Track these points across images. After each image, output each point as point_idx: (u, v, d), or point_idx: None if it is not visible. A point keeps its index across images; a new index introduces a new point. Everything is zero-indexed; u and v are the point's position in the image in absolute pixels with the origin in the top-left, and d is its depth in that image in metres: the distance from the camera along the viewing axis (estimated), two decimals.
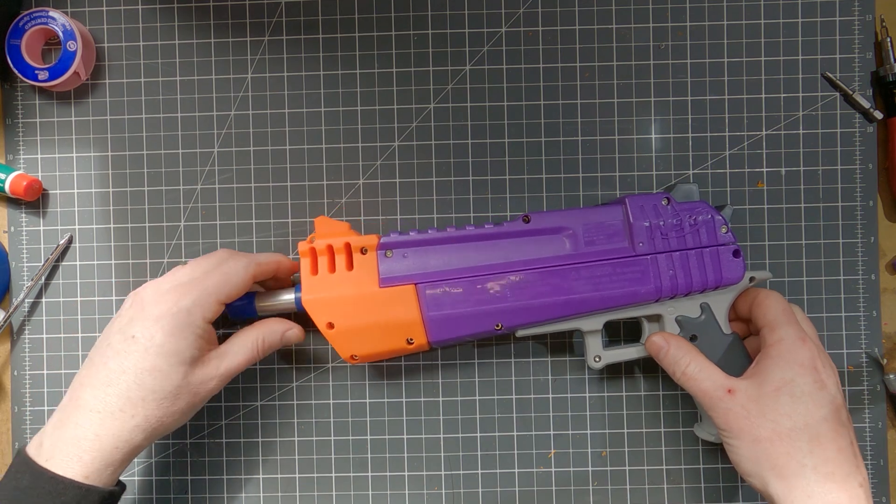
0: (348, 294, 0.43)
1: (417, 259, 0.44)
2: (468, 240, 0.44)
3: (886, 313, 0.49)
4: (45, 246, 0.50)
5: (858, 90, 0.49)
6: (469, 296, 0.43)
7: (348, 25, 0.50)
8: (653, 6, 0.49)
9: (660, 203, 0.44)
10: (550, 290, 0.43)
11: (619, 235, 0.44)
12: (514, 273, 0.43)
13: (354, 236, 0.44)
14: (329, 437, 0.50)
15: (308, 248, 0.44)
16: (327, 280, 0.43)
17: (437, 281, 0.43)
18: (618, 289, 0.43)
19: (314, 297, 0.43)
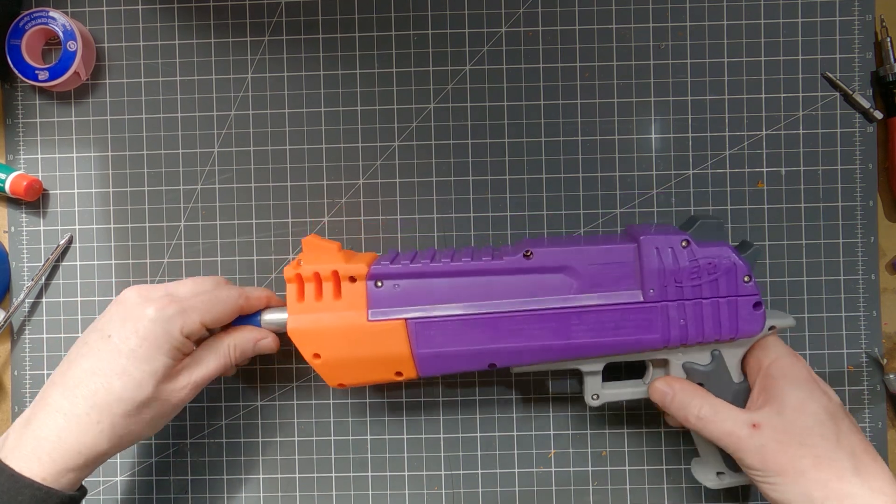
0: (335, 325, 0.41)
1: (409, 291, 0.41)
2: (464, 274, 0.41)
3: (886, 313, 0.49)
4: (45, 246, 0.50)
5: (858, 90, 0.49)
6: (462, 335, 0.40)
7: (348, 25, 0.50)
8: (653, 6, 0.49)
9: (677, 246, 0.39)
10: (549, 335, 0.40)
11: (629, 279, 0.40)
12: (511, 316, 0.40)
13: (343, 262, 0.41)
14: (329, 437, 0.50)
15: (294, 274, 0.41)
16: (314, 308, 0.41)
17: (428, 319, 0.40)
18: (622, 336, 0.40)
19: (300, 326, 0.41)
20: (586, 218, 0.49)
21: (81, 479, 0.39)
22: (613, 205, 0.49)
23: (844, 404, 0.49)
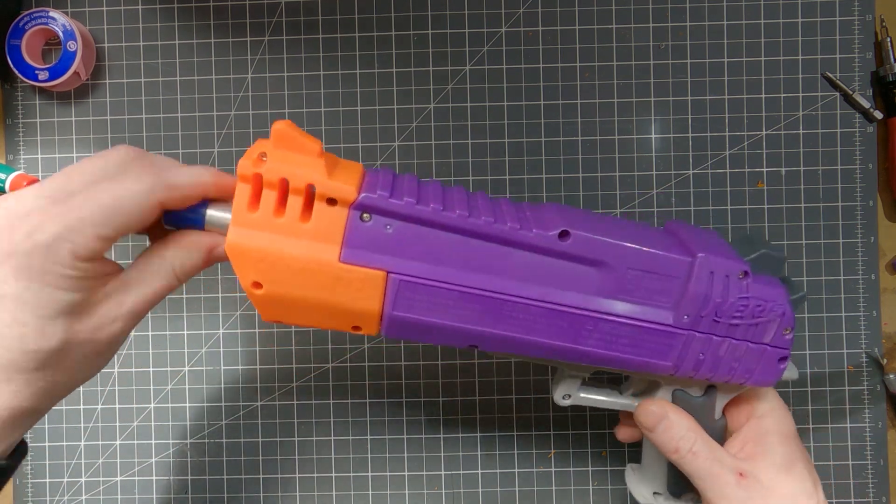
0: (293, 255, 0.30)
1: (402, 237, 0.31)
2: (479, 236, 0.32)
3: (886, 313, 0.49)
4: None
5: (858, 90, 0.49)
6: (454, 309, 0.32)
7: (348, 25, 0.50)
8: (653, 6, 0.49)
9: (734, 275, 0.33)
10: (555, 333, 0.33)
11: (667, 295, 0.34)
12: (520, 302, 0.32)
13: (322, 174, 0.30)
14: (329, 437, 0.50)
15: (252, 174, 0.30)
16: (269, 224, 0.30)
17: (419, 280, 0.31)
18: (632, 355, 0.34)
19: (243, 244, 0.30)
20: None
21: (11, 442, 0.32)
22: (613, 205, 0.49)
23: (844, 404, 0.49)
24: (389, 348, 0.50)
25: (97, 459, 0.50)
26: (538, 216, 0.33)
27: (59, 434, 0.50)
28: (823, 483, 0.48)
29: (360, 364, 0.50)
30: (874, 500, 0.49)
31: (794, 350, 0.49)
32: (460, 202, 0.32)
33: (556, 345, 0.34)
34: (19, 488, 0.50)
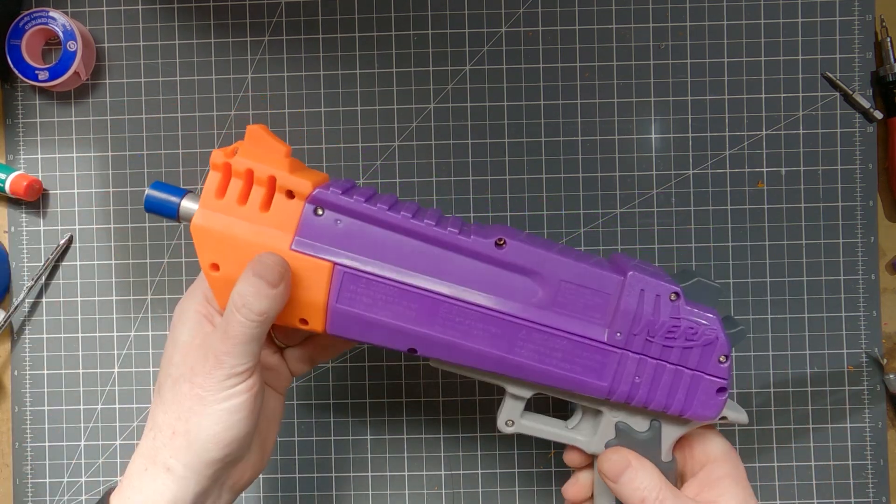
0: (249, 240, 0.33)
1: (351, 234, 0.34)
2: (421, 238, 0.34)
3: (886, 313, 0.49)
4: (45, 246, 0.50)
5: (858, 90, 0.49)
6: (392, 305, 0.34)
7: (348, 25, 0.50)
8: (653, 6, 0.49)
9: (665, 296, 0.34)
10: (488, 340, 0.34)
11: (599, 312, 0.34)
12: (454, 303, 0.34)
13: (285, 171, 0.33)
14: (329, 437, 0.50)
15: (223, 163, 0.34)
16: (232, 210, 0.34)
17: (361, 273, 0.33)
18: (566, 371, 0.35)
19: (206, 225, 0.33)
20: (586, 218, 0.49)
21: None
22: (613, 205, 0.49)
23: (844, 404, 0.49)
24: None
25: (97, 459, 0.50)
26: (482, 230, 0.35)
27: (59, 434, 0.50)
28: (823, 483, 0.49)
29: (360, 364, 0.50)
30: (874, 500, 0.49)
31: (795, 350, 0.49)
32: (408, 208, 0.34)
33: (491, 353, 0.34)
34: (19, 488, 0.50)
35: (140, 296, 0.50)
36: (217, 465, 0.33)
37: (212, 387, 0.32)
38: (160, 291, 0.50)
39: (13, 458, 0.50)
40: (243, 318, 0.32)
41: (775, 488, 0.49)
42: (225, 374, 0.32)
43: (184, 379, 0.33)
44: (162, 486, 0.33)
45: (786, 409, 0.49)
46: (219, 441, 0.32)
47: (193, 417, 0.32)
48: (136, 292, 0.50)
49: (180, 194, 0.35)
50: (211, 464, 0.33)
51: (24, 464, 0.50)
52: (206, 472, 0.33)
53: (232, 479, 0.35)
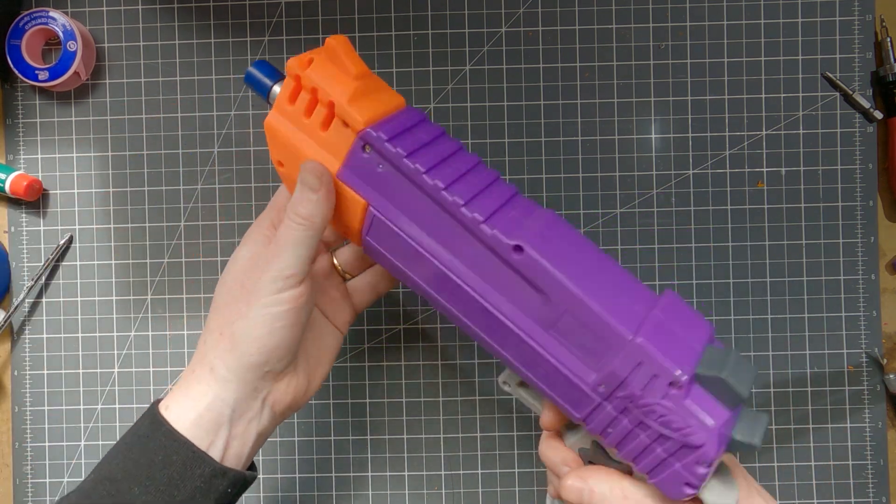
0: (306, 153, 0.35)
1: (388, 180, 0.34)
2: (448, 213, 0.34)
3: (886, 313, 0.49)
4: (45, 246, 0.50)
5: (858, 90, 0.49)
6: (409, 260, 0.35)
7: (348, 25, 0.50)
8: (653, 6, 0.49)
9: (663, 379, 0.31)
10: (484, 328, 0.34)
11: (594, 356, 0.32)
12: (458, 285, 0.34)
13: (346, 97, 0.34)
14: (329, 437, 0.50)
15: (296, 75, 0.35)
16: (298, 120, 0.35)
17: (387, 222, 0.35)
18: (547, 388, 0.34)
19: (277, 127, 0.36)
20: (586, 218, 0.49)
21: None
22: (613, 205, 0.49)
23: (844, 404, 0.49)
24: (389, 347, 0.50)
25: (97, 459, 0.50)
26: (512, 223, 0.34)
27: (59, 434, 0.50)
28: (823, 483, 0.49)
29: (361, 364, 0.50)
30: (874, 500, 0.49)
31: (795, 350, 0.49)
32: (454, 173, 0.34)
33: (484, 338, 0.35)
34: (19, 488, 0.50)
35: (140, 296, 0.50)
36: (257, 370, 0.34)
37: (259, 289, 0.34)
38: (160, 291, 0.50)
39: (13, 458, 0.50)
40: (290, 220, 0.34)
41: (775, 488, 0.49)
42: (272, 277, 0.33)
43: (237, 283, 0.35)
44: (206, 387, 0.34)
45: (786, 409, 0.49)
46: (260, 345, 0.34)
47: (239, 320, 0.34)
48: (136, 292, 0.50)
49: (275, 79, 0.37)
50: (251, 368, 0.34)
51: (24, 464, 0.50)
52: (246, 377, 0.34)
53: (273, 396, 0.36)
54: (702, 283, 0.49)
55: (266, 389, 0.35)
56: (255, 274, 0.34)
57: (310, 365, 0.38)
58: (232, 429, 0.35)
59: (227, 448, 0.34)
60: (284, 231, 0.34)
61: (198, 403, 0.34)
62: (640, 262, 0.49)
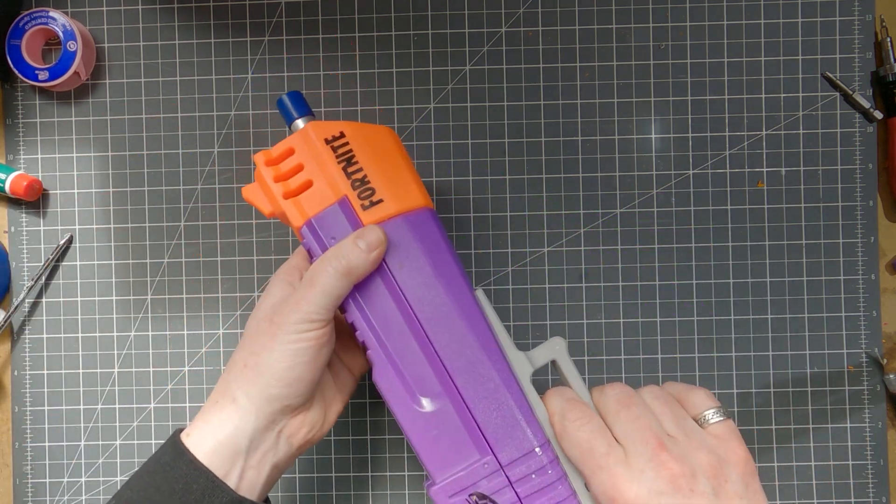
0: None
1: None
2: None
3: (886, 313, 0.49)
4: (45, 246, 0.50)
5: (858, 90, 0.49)
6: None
7: (348, 25, 0.50)
8: (653, 6, 0.49)
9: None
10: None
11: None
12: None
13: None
14: (329, 437, 0.50)
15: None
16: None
17: None
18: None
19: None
20: (586, 218, 0.49)
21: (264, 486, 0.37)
22: (613, 205, 0.49)
23: (844, 404, 0.49)
24: None
25: (97, 459, 0.50)
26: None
27: (59, 434, 0.50)
28: (823, 483, 0.49)
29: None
30: (874, 500, 0.49)
31: (795, 350, 0.49)
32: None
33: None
34: (19, 488, 0.50)
35: (140, 296, 0.50)
36: (276, 402, 0.36)
37: (286, 326, 0.35)
38: (160, 291, 0.50)
39: (13, 458, 0.50)
40: (332, 268, 0.35)
41: (775, 488, 0.49)
42: (300, 318, 0.35)
43: (266, 320, 0.36)
44: (226, 416, 0.36)
45: (786, 409, 0.49)
46: (281, 378, 0.35)
47: (264, 352, 0.35)
48: (136, 292, 0.50)
49: (301, 114, 0.40)
50: (271, 399, 0.35)
51: (24, 464, 0.50)
52: (266, 409, 0.36)
53: (289, 430, 0.37)
54: (702, 283, 0.49)
55: (283, 422, 0.37)
56: (285, 311, 0.36)
57: (325, 402, 0.39)
58: (248, 459, 0.36)
59: (242, 478, 0.35)
60: (322, 276, 0.35)
61: (217, 432, 0.35)
62: (640, 262, 0.49)
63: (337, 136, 0.37)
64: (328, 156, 0.37)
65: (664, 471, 0.31)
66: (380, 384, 0.37)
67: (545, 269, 0.49)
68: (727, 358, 0.49)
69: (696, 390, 0.35)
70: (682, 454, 0.31)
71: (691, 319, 0.49)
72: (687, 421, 0.34)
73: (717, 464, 0.32)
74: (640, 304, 0.49)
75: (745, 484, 0.32)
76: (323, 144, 0.37)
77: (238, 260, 0.50)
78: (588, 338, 0.49)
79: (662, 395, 0.35)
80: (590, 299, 0.49)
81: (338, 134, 0.37)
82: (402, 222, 0.37)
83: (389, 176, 0.37)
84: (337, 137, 0.37)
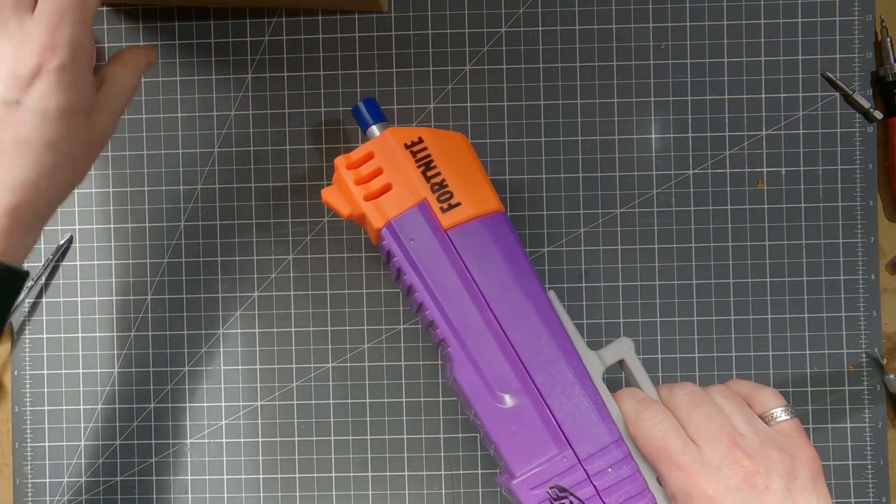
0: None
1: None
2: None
3: (886, 313, 0.49)
4: (45, 246, 0.50)
5: (858, 90, 0.49)
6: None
7: (348, 25, 0.50)
8: (653, 6, 0.49)
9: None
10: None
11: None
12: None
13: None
14: (329, 437, 0.50)
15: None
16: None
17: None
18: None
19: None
20: (586, 218, 0.49)
21: (27, 242, 0.35)
22: (613, 205, 0.49)
23: (844, 404, 0.49)
24: (389, 348, 0.50)
25: (97, 459, 0.50)
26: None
27: (59, 434, 0.50)
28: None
29: (360, 364, 0.50)
30: (874, 500, 0.49)
31: (795, 350, 0.49)
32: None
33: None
34: (19, 488, 0.50)
35: (140, 296, 0.50)
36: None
37: None
38: (160, 291, 0.50)
39: (13, 458, 0.50)
40: None
41: None
42: None
43: None
44: None
45: None
46: None
47: None
48: (136, 292, 0.50)
49: (376, 120, 0.41)
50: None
51: (24, 464, 0.50)
52: None
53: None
54: (702, 283, 0.49)
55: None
56: None
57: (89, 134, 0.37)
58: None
59: None
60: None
61: None
62: (640, 262, 0.49)
63: (416, 141, 0.39)
64: (408, 160, 0.39)
65: (739, 468, 0.32)
66: (461, 381, 0.37)
67: (545, 269, 0.49)
68: (727, 358, 0.49)
69: (763, 389, 0.36)
70: (754, 452, 0.32)
71: (691, 319, 0.49)
72: (755, 419, 0.34)
73: (789, 461, 0.33)
74: (640, 304, 0.49)
75: (814, 481, 0.33)
76: (403, 149, 0.39)
77: (238, 260, 0.50)
78: (588, 338, 0.49)
79: (731, 395, 0.35)
80: (590, 299, 0.49)
81: (416, 139, 0.39)
82: (479, 225, 0.38)
83: (465, 180, 0.39)
84: (416, 143, 0.39)
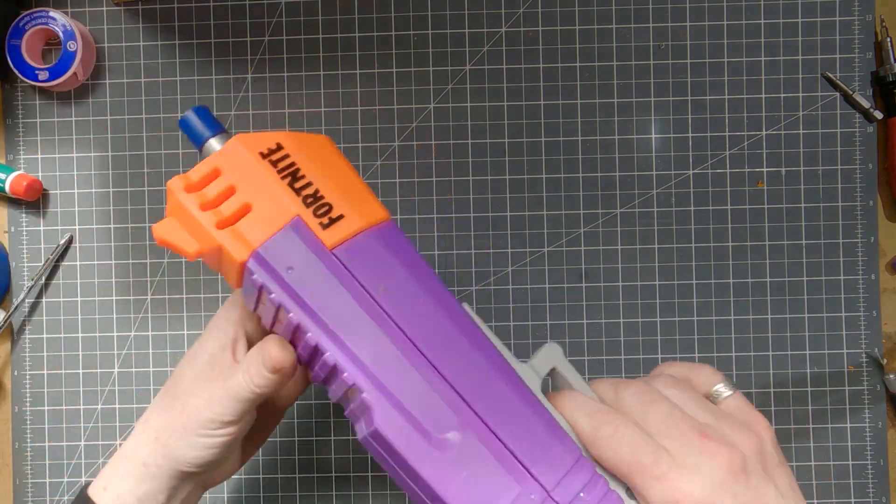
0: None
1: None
2: None
3: (886, 313, 0.49)
4: (45, 246, 0.50)
5: (858, 90, 0.49)
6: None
7: (348, 25, 0.50)
8: (653, 6, 0.49)
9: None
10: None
11: None
12: None
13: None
14: (329, 437, 0.50)
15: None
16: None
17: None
18: None
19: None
20: (586, 218, 0.49)
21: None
22: (613, 205, 0.49)
23: (844, 404, 0.49)
24: None
25: (97, 459, 0.50)
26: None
27: (59, 434, 0.50)
28: (823, 483, 0.49)
29: None
30: (874, 500, 0.49)
31: (795, 350, 0.49)
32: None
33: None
34: (19, 488, 0.50)
35: (140, 296, 0.50)
36: (189, 475, 0.35)
37: (196, 423, 0.34)
38: (160, 291, 0.50)
39: (13, 458, 0.50)
40: (244, 381, 0.33)
41: None
42: (210, 418, 0.34)
43: (181, 401, 0.34)
44: (136, 479, 0.35)
45: (786, 409, 0.49)
46: (192, 463, 0.34)
47: (174, 438, 0.34)
48: (136, 292, 0.50)
49: (215, 131, 0.33)
50: (184, 475, 0.35)
51: (24, 464, 0.50)
52: (178, 477, 0.35)
53: (203, 480, 0.37)
54: (702, 283, 0.49)
55: (198, 479, 0.37)
56: (198, 404, 0.34)
57: (244, 451, 0.39)
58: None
59: None
60: (239, 383, 0.33)
61: (125, 495, 0.35)
62: (640, 262, 0.49)
63: (273, 148, 0.31)
64: (267, 172, 0.31)
65: (716, 459, 0.29)
66: (386, 432, 0.29)
67: (545, 269, 0.49)
68: (727, 358, 0.49)
69: (699, 368, 0.33)
70: (722, 437, 0.30)
71: (691, 319, 0.49)
72: (708, 403, 0.32)
73: (755, 438, 0.30)
74: (640, 304, 0.49)
75: (777, 450, 0.31)
76: (258, 159, 0.31)
77: None
78: (588, 338, 0.49)
79: (675, 383, 0.32)
80: (590, 299, 0.49)
81: (274, 146, 0.31)
82: (371, 238, 0.31)
83: (343, 188, 0.32)
84: (274, 150, 0.31)
